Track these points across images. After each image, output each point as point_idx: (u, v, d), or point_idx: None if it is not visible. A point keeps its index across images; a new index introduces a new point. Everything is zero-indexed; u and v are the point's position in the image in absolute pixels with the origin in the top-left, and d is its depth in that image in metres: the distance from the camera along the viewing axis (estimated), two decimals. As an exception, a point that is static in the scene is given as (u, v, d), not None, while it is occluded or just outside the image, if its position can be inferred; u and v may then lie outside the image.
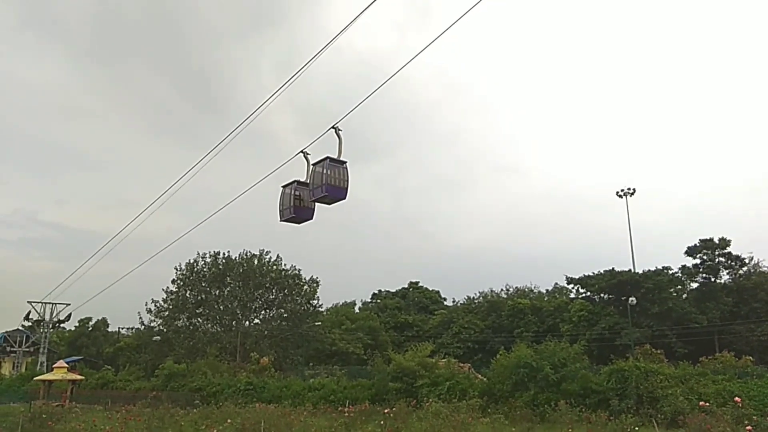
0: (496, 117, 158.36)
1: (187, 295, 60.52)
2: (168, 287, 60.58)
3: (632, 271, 65.97)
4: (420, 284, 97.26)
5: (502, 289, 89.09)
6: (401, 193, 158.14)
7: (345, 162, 14.53)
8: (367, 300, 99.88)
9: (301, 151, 15.00)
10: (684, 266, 66.81)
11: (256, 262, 62.05)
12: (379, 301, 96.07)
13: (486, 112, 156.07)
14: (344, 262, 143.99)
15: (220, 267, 61.05)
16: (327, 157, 14.55)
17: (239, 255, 62.35)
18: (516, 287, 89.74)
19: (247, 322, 62.21)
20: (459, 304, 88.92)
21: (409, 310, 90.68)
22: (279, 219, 15.78)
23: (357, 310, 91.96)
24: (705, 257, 65.89)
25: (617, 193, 69.63)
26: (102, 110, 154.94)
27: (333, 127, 14.13)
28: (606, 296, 68.72)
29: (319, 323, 64.74)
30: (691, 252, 66.47)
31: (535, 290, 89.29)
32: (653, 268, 65.55)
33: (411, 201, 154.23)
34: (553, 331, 67.00)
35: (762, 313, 60.16)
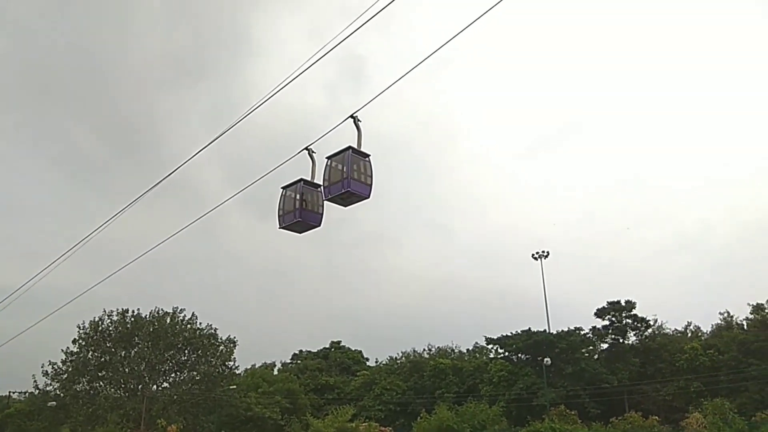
0: (430, 176, 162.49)
1: (90, 356, 56.07)
2: (68, 347, 56.05)
3: (547, 331, 68.10)
4: (342, 344, 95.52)
5: (424, 349, 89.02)
6: (330, 248, 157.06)
7: (368, 155, 12.89)
8: (287, 361, 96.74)
9: (306, 148, 13.18)
10: (594, 327, 69.83)
11: (168, 320, 58.79)
12: (299, 362, 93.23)
13: (417, 170, 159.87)
14: (266, 320, 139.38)
15: (128, 326, 57.29)
16: (349, 147, 12.64)
17: (150, 313, 58.97)
18: (438, 347, 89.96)
19: (155, 386, 58.14)
20: (382, 365, 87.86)
21: (331, 371, 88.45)
22: (278, 226, 13.70)
23: (276, 372, 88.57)
24: (613, 319, 69.21)
25: (533, 255, 72.61)
26: (10, 155, 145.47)
27: (352, 117, 12.37)
28: (523, 356, 70.19)
29: (234, 387, 61.54)
30: (600, 314, 69.69)
31: (456, 350, 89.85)
32: (566, 329, 68.02)
33: (340, 257, 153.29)
34: (474, 391, 67.26)
35: (667, 373, 63.31)
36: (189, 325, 59.47)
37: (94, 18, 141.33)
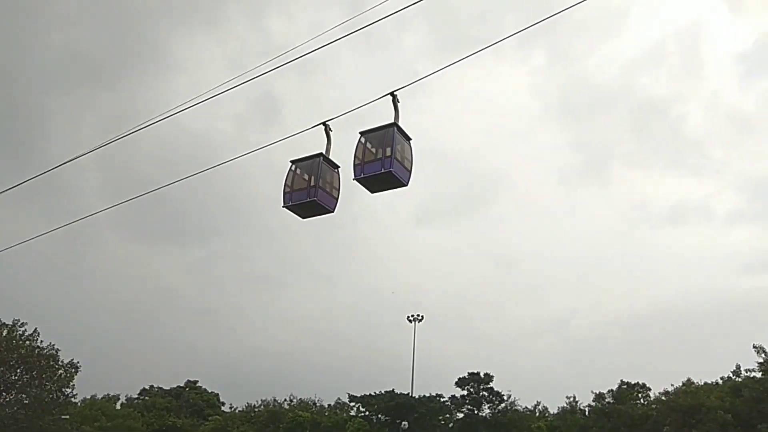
0: (324, 224, 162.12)
1: None
2: None
3: (410, 395, 69.09)
4: (199, 384, 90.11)
5: (285, 399, 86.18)
6: (209, 281, 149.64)
7: (411, 138, 11.48)
8: (134, 395, 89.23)
9: (324, 123, 11.72)
10: (453, 396, 71.90)
11: (5, 333, 52.63)
12: (147, 398, 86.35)
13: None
14: (120, 348, 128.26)
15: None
16: (394, 124, 11.07)
17: (-16, 323, 52.57)
18: (300, 398, 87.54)
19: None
20: (237, 411, 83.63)
21: (181, 412, 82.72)
22: (282, 204, 11.98)
23: (119, 407, 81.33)
24: (471, 389, 71.78)
25: (408, 317, 74.20)
26: None
27: (392, 95, 10.95)
28: (383, 417, 70.33)
29: (67, 416, 55.60)
30: (460, 383, 72.05)
31: (318, 403, 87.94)
32: (428, 395, 69.45)
33: (217, 292, 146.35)
34: (328, 449, 65.92)
35: (513, 448, 66.17)
36: (27, 342, 53.56)
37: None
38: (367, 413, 71.67)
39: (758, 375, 56.13)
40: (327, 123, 11.84)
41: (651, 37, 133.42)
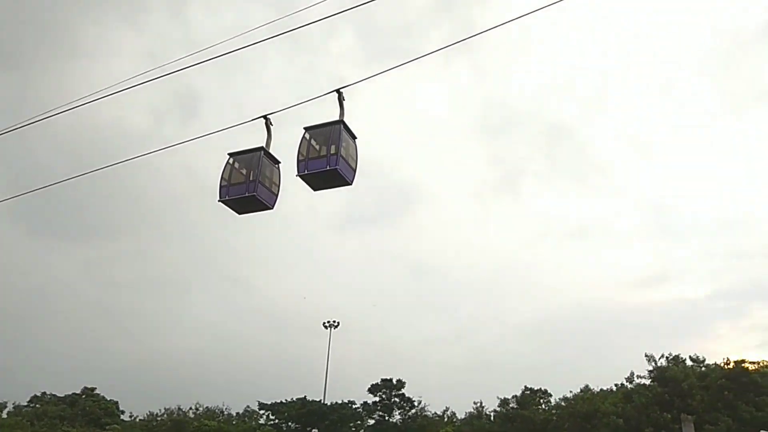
0: (235, 221, 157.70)
1: None
2: None
3: (322, 401, 68.56)
4: (97, 391, 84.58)
5: (190, 408, 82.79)
6: (110, 283, 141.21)
7: (356, 137, 11.09)
8: (23, 403, 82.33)
9: (264, 117, 11.18)
10: (365, 402, 72.20)
11: None
12: (38, 406, 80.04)
13: (224, 214, 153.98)
14: (8, 352, 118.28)
15: None
16: (340, 121, 10.78)
17: None
18: (207, 407, 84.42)
19: None
20: (138, 420, 79.36)
21: (76, 421, 77.23)
22: (218, 198, 11.42)
23: (5, 415, 74.74)
24: (384, 396, 72.40)
25: (323, 323, 73.72)
26: None
27: (337, 91, 10.69)
28: (294, 425, 69.28)
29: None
30: (373, 390, 72.50)
31: (225, 412, 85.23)
32: (341, 401, 69.24)
33: (117, 294, 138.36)
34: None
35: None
36: None
37: None
38: (276, 421, 70.33)
39: (648, 382, 60.65)
40: (268, 117, 11.47)
41: (564, 63, 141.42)
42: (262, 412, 73.87)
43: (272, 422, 70.80)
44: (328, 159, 10.86)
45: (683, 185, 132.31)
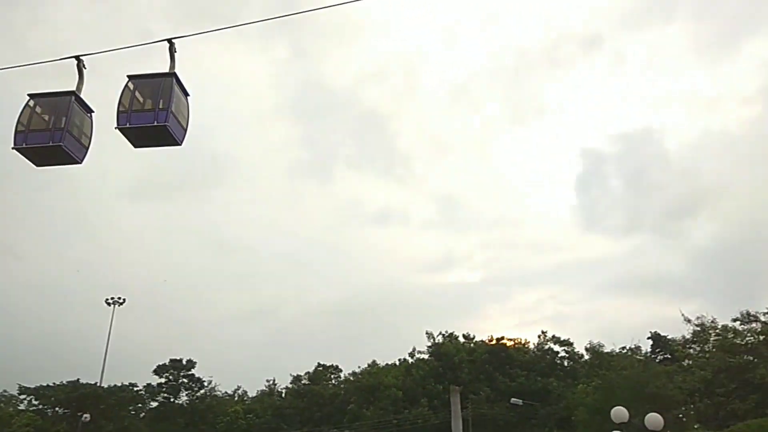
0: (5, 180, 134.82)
1: None
2: None
3: (98, 384, 62.59)
4: None
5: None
6: None
7: (189, 94, 10.18)
8: None
9: (77, 57, 9.53)
10: (149, 384, 67.86)
11: None
12: None
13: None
14: None
15: None
16: (173, 74, 9.66)
17: None
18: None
19: None
20: None
21: None
22: (13, 144, 9.50)
23: None
24: (171, 377, 68.74)
25: (106, 300, 67.09)
26: None
27: (168, 41, 9.92)
28: (61, 410, 62.25)
29: None
30: (159, 371, 68.38)
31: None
32: (120, 384, 64.05)
33: None
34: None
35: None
36: None
37: None
38: (41, 406, 62.55)
39: (426, 357, 66.72)
40: (81, 58, 9.92)
41: (380, 54, 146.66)
42: (23, 396, 65.05)
43: (35, 408, 62.80)
44: (156, 114, 9.83)
45: (470, 183, 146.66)
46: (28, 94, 10.37)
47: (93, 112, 10.65)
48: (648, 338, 59.10)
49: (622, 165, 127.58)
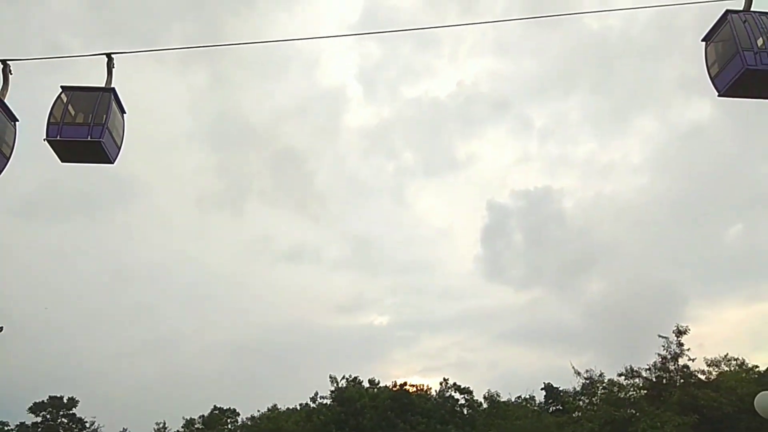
0: None
1: None
2: None
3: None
4: None
5: None
6: None
7: (126, 112, 10.05)
8: None
9: (3, 61, 9.24)
10: (22, 423, 61.78)
11: None
12: None
13: None
14: None
15: None
16: (112, 89, 9.67)
17: None
18: None
19: None
20: None
21: None
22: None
23: None
24: (48, 416, 62.96)
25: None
26: None
27: (107, 55, 9.70)
28: None
29: None
30: (35, 409, 62.57)
31: None
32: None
33: None
34: None
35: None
36: None
37: None
38: None
39: (329, 402, 65.50)
40: (8, 62, 9.42)
41: (303, 92, 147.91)
42: None
43: None
44: (91, 129, 9.41)
45: (384, 226, 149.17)
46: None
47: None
48: (542, 389, 61.90)
49: (525, 220, 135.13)
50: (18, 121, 9.94)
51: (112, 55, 9.69)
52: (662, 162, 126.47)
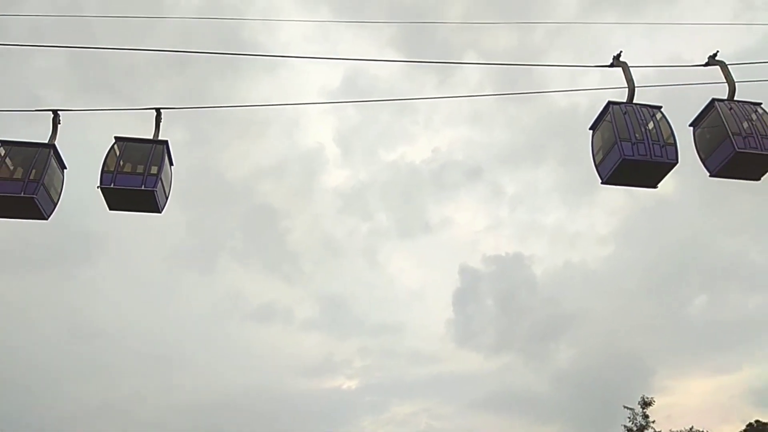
0: None
1: None
2: None
3: None
4: None
5: None
6: None
7: (174, 164, 10.58)
8: None
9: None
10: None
11: None
12: None
13: None
14: None
15: None
16: (165, 143, 10.37)
17: None
18: None
19: None
20: None
21: None
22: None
23: None
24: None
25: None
26: None
27: (156, 110, 10.31)
28: None
29: None
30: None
31: None
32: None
33: None
34: None
35: None
36: None
37: None
38: None
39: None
40: (57, 111, 10.27)
41: (280, 151, 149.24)
42: None
43: None
44: (145, 178, 9.77)
45: (356, 287, 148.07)
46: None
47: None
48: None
49: (496, 285, 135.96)
50: (66, 168, 10.23)
51: (161, 109, 10.38)
52: (627, 232, 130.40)
